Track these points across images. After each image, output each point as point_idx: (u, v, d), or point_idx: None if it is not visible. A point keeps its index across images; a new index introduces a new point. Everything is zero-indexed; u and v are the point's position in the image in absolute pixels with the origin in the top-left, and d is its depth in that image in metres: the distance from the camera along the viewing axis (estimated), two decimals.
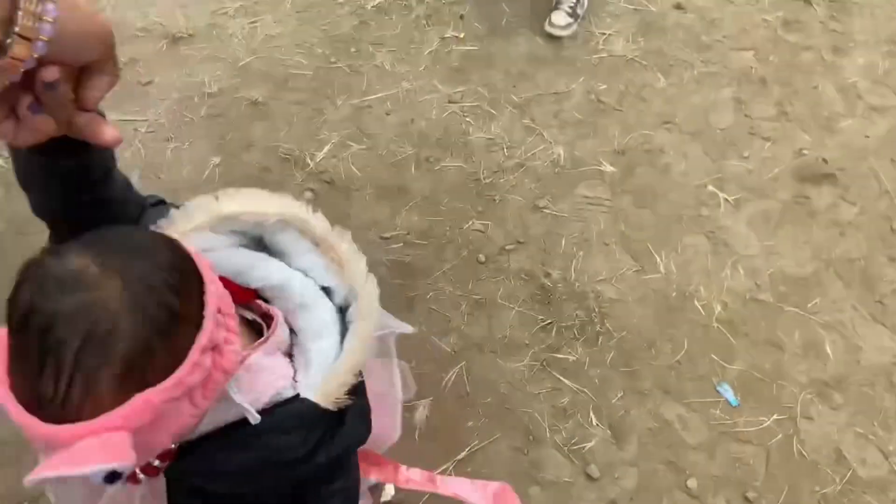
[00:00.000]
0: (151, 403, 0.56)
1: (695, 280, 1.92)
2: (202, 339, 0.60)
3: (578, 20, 2.45)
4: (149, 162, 2.09)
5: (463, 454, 1.61)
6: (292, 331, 0.82)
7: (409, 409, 1.64)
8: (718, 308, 1.87)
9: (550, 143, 2.19)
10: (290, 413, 0.75)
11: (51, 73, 0.53)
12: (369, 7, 2.53)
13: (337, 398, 0.76)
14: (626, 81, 2.36)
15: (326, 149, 2.17)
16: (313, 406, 0.75)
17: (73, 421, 0.54)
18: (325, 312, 0.81)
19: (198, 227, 0.78)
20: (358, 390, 0.79)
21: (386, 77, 2.36)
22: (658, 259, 1.95)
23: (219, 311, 0.63)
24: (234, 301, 0.77)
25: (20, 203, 0.80)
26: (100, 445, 0.53)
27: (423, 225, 2.01)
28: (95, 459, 0.53)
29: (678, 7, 2.59)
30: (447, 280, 1.90)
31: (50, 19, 0.49)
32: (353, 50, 2.42)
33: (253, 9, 2.52)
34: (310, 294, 0.81)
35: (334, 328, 0.81)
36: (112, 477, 0.55)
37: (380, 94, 2.30)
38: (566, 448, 1.62)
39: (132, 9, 2.46)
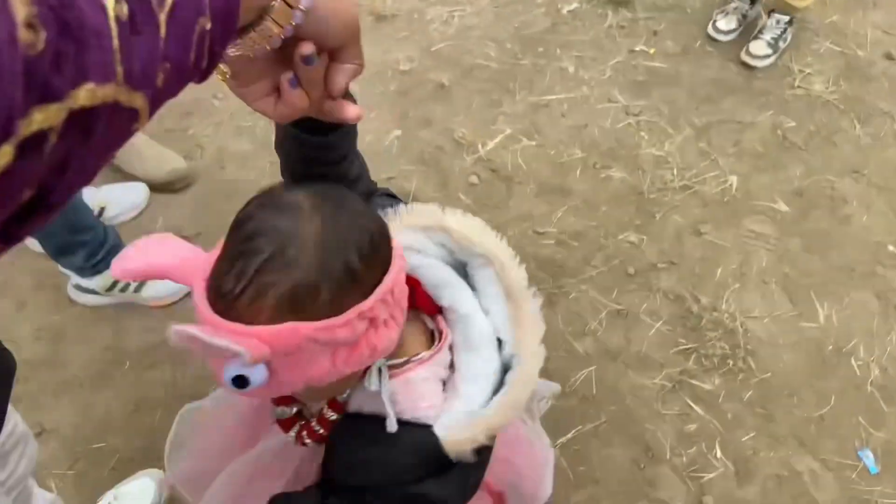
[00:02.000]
0: (298, 333, 0.61)
1: (856, 338, 1.81)
2: (364, 305, 0.64)
3: (778, 53, 2.37)
4: None
5: (570, 435, 1.62)
6: (452, 365, 0.81)
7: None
8: (876, 371, 1.75)
9: (724, 170, 2.13)
10: (414, 437, 0.75)
11: (307, 47, 0.55)
12: (565, 11, 2.58)
13: (460, 450, 0.74)
14: (817, 123, 2.25)
15: (498, 139, 2.24)
16: (436, 444, 0.74)
17: (234, 320, 0.61)
18: (490, 362, 0.78)
19: (414, 226, 0.82)
20: (481, 455, 0.77)
21: (568, 80, 2.40)
22: (819, 308, 1.86)
23: (391, 293, 0.67)
24: (422, 309, 0.81)
25: None
26: (242, 338, 0.60)
27: (578, 227, 2.03)
28: (233, 340, 0.59)
29: (889, 57, 2.44)
30: (592, 285, 1.91)
31: None
32: (540, 49, 2.48)
33: None
34: (485, 338, 0.79)
35: (491, 380, 0.78)
36: (241, 382, 0.61)
37: (559, 96, 2.35)
38: (685, 473, 1.59)
39: None
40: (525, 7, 2.60)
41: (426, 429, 0.75)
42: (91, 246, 1.72)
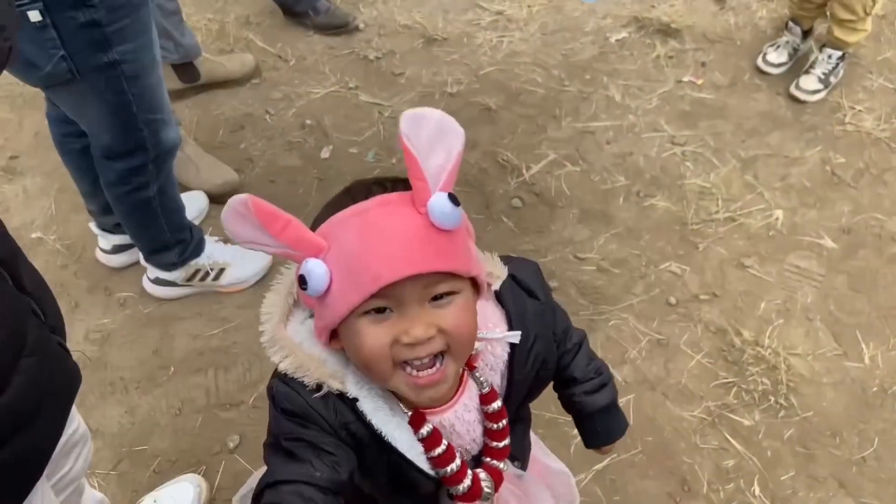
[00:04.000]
0: None
1: None
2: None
3: (829, 88, 2.36)
4: (385, 143, 2.30)
5: (605, 463, 1.61)
6: None
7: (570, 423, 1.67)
8: None
9: (770, 204, 2.12)
10: None
11: None
12: (613, 40, 2.60)
13: None
14: (867, 160, 2.23)
15: (542, 164, 2.26)
16: None
17: None
18: None
19: None
20: None
21: (614, 108, 2.41)
22: (864, 348, 1.82)
23: None
24: None
25: None
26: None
27: (620, 254, 2.03)
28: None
29: None
30: (633, 313, 1.91)
31: None
32: (587, 77, 2.50)
33: (504, 24, 2.69)
34: None
35: None
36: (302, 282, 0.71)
37: (604, 123, 2.36)
38: None
39: (401, 8, 2.72)
40: (573, 35, 2.63)
41: None
42: (186, 243, 1.82)
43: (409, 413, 0.80)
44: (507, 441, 0.88)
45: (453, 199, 0.70)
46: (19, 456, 0.74)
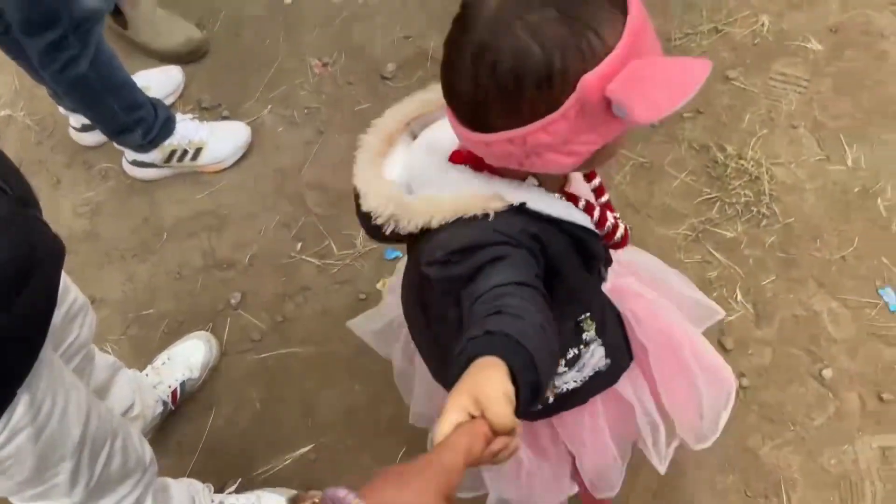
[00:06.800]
0: None
1: (883, 179, 1.79)
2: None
3: None
4: None
5: None
6: None
7: None
8: None
9: (756, 9, 2.03)
10: None
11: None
12: None
13: None
14: None
15: None
16: None
17: None
18: None
19: None
20: None
21: None
22: (847, 151, 1.83)
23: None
24: None
25: None
26: None
27: None
28: None
29: None
30: None
31: None
32: None
33: None
34: None
35: None
36: None
37: None
38: None
39: None
40: None
41: None
42: (147, 122, 1.75)
43: (564, 196, 0.85)
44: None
45: None
46: (16, 328, 0.77)
